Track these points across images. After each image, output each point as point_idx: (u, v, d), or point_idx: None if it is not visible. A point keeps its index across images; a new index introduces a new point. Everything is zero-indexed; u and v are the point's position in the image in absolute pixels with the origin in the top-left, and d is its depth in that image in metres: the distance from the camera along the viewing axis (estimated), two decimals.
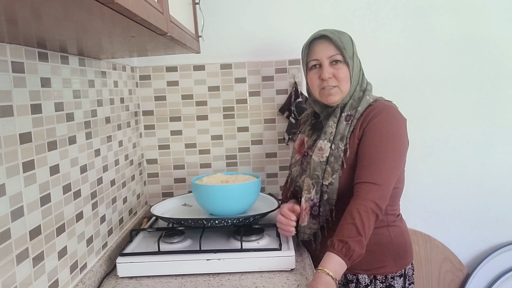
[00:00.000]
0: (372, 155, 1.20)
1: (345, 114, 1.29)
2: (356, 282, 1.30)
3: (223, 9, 1.82)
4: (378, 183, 1.16)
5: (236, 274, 1.24)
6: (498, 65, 1.86)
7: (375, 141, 1.22)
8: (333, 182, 1.25)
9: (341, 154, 1.25)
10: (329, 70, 1.29)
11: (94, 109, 1.33)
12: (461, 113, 1.89)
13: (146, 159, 1.91)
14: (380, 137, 1.22)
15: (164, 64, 1.85)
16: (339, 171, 1.24)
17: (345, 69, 1.29)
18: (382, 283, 1.29)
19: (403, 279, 1.32)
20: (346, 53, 1.28)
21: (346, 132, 1.27)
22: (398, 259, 1.31)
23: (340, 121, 1.29)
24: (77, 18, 0.67)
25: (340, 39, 1.29)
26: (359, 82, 1.33)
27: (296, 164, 1.42)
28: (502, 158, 1.91)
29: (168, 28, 0.91)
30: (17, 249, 0.89)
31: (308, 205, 1.29)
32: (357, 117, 1.27)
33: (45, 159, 1.01)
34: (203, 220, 1.36)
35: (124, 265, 1.24)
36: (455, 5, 1.82)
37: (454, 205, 1.94)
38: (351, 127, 1.27)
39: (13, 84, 0.90)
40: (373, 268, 1.29)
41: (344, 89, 1.30)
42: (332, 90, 1.30)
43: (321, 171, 1.27)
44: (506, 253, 1.92)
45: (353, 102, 1.31)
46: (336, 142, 1.27)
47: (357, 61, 1.33)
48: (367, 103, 1.29)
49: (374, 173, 1.18)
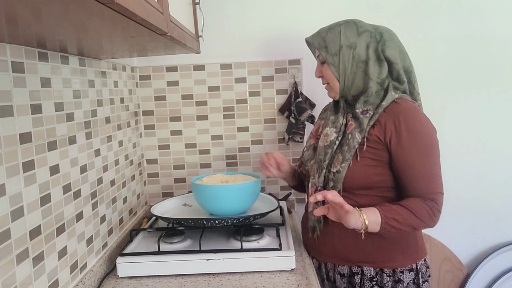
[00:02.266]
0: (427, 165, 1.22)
1: (360, 110, 1.26)
2: (361, 274, 1.29)
3: (223, 9, 1.82)
4: (443, 191, 1.25)
5: (236, 274, 1.24)
6: (498, 65, 1.86)
7: (423, 150, 1.22)
8: (340, 171, 1.23)
9: (356, 145, 1.22)
10: (318, 69, 1.34)
11: (94, 109, 1.33)
12: (461, 113, 1.89)
13: (146, 159, 1.91)
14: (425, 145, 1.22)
15: (164, 64, 1.85)
16: (350, 161, 1.23)
17: (327, 69, 1.30)
18: (390, 276, 1.27)
19: (414, 274, 1.29)
20: (327, 51, 1.27)
21: (365, 125, 1.23)
22: (408, 253, 1.28)
23: (357, 114, 1.26)
24: (77, 18, 0.67)
25: (323, 38, 1.29)
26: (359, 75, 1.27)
27: (309, 148, 1.41)
28: (502, 158, 1.91)
29: (168, 28, 0.91)
30: (17, 249, 0.89)
31: (313, 191, 1.30)
32: (379, 112, 1.23)
33: (45, 159, 1.01)
34: (203, 220, 1.36)
35: (124, 265, 1.24)
36: (455, 5, 1.83)
37: (454, 205, 1.94)
38: (372, 120, 1.23)
39: (13, 84, 0.90)
40: (379, 261, 1.27)
41: (334, 87, 1.32)
42: (326, 87, 1.35)
43: (323, 154, 1.28)
44: (506, 253, 1.92)
45: (367, 99, 1.26)
46: (353, 132, 1.24)
47: (350, 53, 1.26)
48: (392, 99, 1.24)
49: (437, 183, 1.24)
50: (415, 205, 1.19)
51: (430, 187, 1.21)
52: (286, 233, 1.41)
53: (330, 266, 1.34)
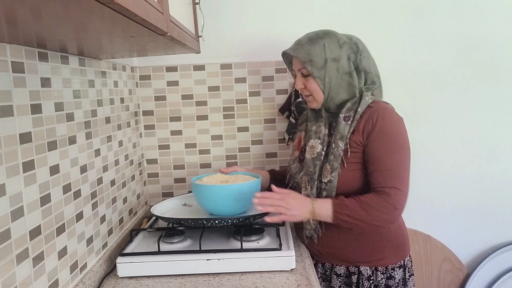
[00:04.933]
0: (388, 160, 1.24)
1: (343, 116, 1.31)
2: (358, 274, 1.34)
3: (223, 9, 1.82)
4: (402, 189, 1.23)
5: (236, 274, 1.24)
6: (498, 65, 1.86)
7: (387, 146, 1.25)
8: (332, 180, 1.28)
9: (341, 153, 1.28)
10: (300, 81, 1.34)
11: (94, 109, 1.33)
12: (462, 113, 1.89)
13: (146, 159, 1.91)
14: (391, 141, 1.25)
15: (164, 64, 1.85)
16: (338, 169, 1.28)
17: (313, 82, 1.31)
18: (383, 274, 1.33)
19: (402, 270, 1.36)
20: (312, 65, 1.29)
21: (346, 132, 1.29)
22: (397, 251, 1.35)
23: (339, 121, 1.31)
24: (77, 18, 0.67)
25: (307, 52, 1.29)
26: (344, 86, 1.32)
27: (295, 160, 1.45)
28: (502, 158, 1.91)
29: (168, 28, 0.91)
30: (17, 249, 0.89)
31: None
32: (357, 118, 1.29)
33: (45, 159, 1.01)
34: (203, 220, 1.36)
35: (124, 265, 1.24)
36: (455, 5, 1.82)
37: (454, 205, 1.94)
38: (351, 127, 1.29)
39: (13, 84, 0.90)
40: (374, 260, 1.33)
41: (318, 98, 1.34)
42: (308, 98, 1.36)
43: (313, 166, 1.32)
44: (506, 253, 1.92)
45: (350, 105, 1.32)
46: (336, 141, 1.29)
47: (334, 66, 1.30)
48: (366, 104, 1.31)
49: (396, 178, 1.23)
50: (369, 199, 1.23)
51: (386, 181, 1.23)
52: (286, 233, 1.41)
53: (328, 266, 1.38)
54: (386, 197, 1.22)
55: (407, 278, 1.37)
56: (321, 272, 1.41)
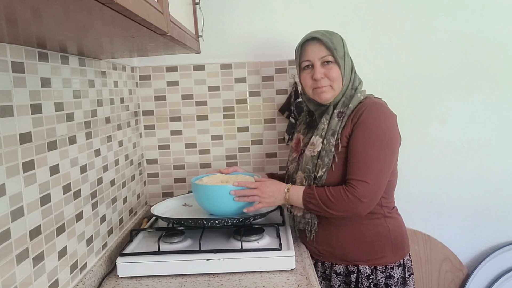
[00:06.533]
0: (362, 152, 1.25)
1: (337, 111, 1.34)
2: (357, 273, 1.34)
3: (223, 9, 1.82)
4: (369, 182, 1.23)
5: (236, 274, 1.24)
6: (498, 65, 1.86)
7: (364, 139, 1.26)
8: (322, 175, 1.30)
9: (332, 149, 1.30)
10: (320, 70, 1.33)
11: (94, 109, 1.33)
12: (461, 113, 1.89)
13: (146, 159, 1.91)
14: (369, 134, 1.26)
15: (164, 64, 1.85)
16: (328, 165, 1.29)
17: (337, 69, 1.33)
18: (382, 273, 1.34)
19: (401, 269, 1.36)
20: (337, 53, 1.32)
21: (337, 128, 1.31)
22: (396, 250, 1.35)
23: (332, 117, 1.33)
24: (77, 18, 0.67)
25: (331, 40, 1.33)
26: (351, 80, 1.37)
27: (293, 161, 1.46)
28: (502, 158, 1.91)
29: (168, 28, 0.91)
30: (17, 249, 0.89)
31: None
32: (348, 114, 1.32)
33: (45, 159, 1.01)
34: (203, 220, 1.36)
35: (124, 265, 1.24)
36: (455, 5, 1.82)
37: (454, 205, 1.94)
38: (343, 123, 1.31)
39: (13, 84, 0.90)
40: (373, 259, 1.33)
41: (336, 88, 1.34)
42: (324, 88, 1.35)
43: (312, 164, 1.34)
44: (506, 253, 1.92)
45: (345, 100, 1.35)
46: (328, 137, 1.31)
47: (349, 60, 1.37)
48: (358, 100, 1.33)
49: (366, 171, 1.24)
50: (335, 190, 1.25)
51: (355, 173, 1.25)
52: (286, 233, 1.41)
53: (328, 265, 1.38)
54: (352, 189, 1.23)
55: (407, 277, 1.37)
56: (320, 271, 1.42)
